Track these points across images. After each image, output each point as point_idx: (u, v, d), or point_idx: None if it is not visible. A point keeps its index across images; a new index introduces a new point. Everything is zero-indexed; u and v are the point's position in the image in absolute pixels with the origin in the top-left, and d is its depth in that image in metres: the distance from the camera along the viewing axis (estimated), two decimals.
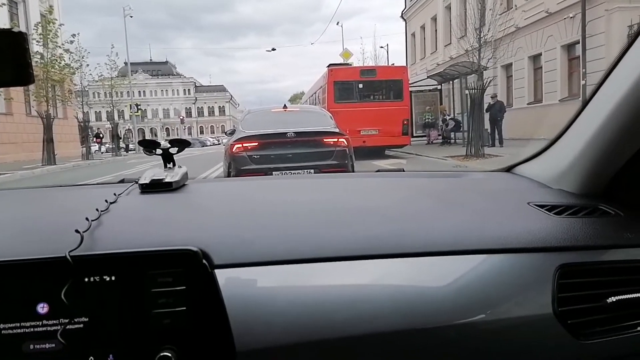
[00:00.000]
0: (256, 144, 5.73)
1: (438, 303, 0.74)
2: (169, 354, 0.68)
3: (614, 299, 0.77)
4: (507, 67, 19.79)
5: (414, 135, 20.32)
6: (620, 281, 0.80)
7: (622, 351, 0.78)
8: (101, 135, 29.73)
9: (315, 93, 18.22)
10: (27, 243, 0.76)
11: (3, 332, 0.68)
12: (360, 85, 14.93)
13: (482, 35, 13.74)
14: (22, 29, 0.70)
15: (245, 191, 1.12)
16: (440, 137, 19.03)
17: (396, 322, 0.72)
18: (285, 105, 6.90)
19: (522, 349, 0.75)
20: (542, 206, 0.93)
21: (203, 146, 46.39)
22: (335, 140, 5.90)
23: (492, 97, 15.82)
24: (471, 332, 0.73)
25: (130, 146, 33.04)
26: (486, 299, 0.75)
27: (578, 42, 15.20)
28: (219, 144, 43.29)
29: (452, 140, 18.53)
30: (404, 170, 1.34)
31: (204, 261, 0.72)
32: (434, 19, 26.94)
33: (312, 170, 5.47)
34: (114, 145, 28.05)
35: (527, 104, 17.16)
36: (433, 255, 0.79)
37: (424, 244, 0.80)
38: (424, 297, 0.74)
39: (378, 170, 1.39)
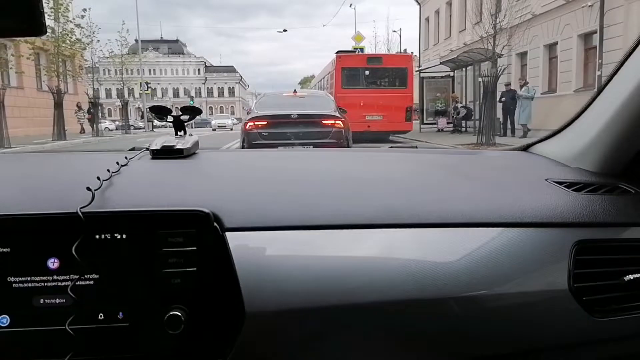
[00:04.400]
0: (265, 122, 6.82)
1: (451, 274, 0.72)
2: (179, 313, 0.68)
3: (630, 277, 0.76)
4: (522, 56, 19.42)
5: (425, 122, 20.18)
6: (638, 259, 0.78)
7: (636, 329, 0.76)
8: (92, 111, 22.61)
9: (324, 78, 18.40)
10: (38, 199, 0.76)
11: (14, 285, 0.68)
12: (367, 72, 15.38)
13: (497, 22, 13.52)
14: None
15: (257, 160, 1.11)
16: (451, 125, 18.85)
17: (407, 291, 0.71)
18: (295, 90, 7.97)
19: (536, 323, 0.74)
20: (560, 183, 0.91)
21: (207, 126, 39.46)
22: (333, 122, 6.92)
23: (505, 86, 15.61)
24: (484, 305, 0.72)
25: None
26: (501, 272, 0.74)
27: (595, 32, 14.87)
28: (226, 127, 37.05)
29: (463, 129, 18.34)
30: (417, 147, 1.32)
31: (215, 224, 0.71)
32: (449, 3, 26.45)
33: (311, 146, 6.24)
34: (123, 123, 27.98)
35: (541, 93, 16.88)
36: (447, 227, 0.78)
37: (438, 216, 0.79)
38: (437, 267, 0.73)
39: (391, 147, 1.37)
